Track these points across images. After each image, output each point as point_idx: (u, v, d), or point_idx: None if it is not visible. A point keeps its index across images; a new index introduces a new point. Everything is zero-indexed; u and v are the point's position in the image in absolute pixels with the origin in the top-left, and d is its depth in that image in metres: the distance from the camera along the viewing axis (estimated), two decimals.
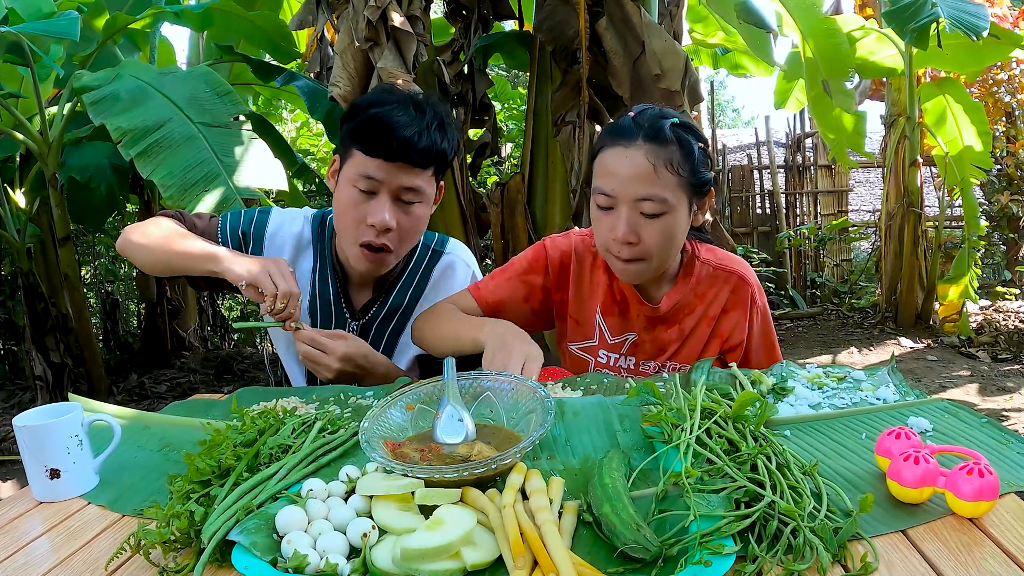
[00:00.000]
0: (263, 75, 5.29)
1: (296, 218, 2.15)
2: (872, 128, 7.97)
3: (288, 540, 1.04)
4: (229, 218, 2.12)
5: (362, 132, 1.85)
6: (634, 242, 1.77)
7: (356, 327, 2.13)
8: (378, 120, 1.83)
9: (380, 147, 1.83)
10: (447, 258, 2.18)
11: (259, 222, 2.12)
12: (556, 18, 4.54)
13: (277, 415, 1.46)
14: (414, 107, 1.88)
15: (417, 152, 1.85)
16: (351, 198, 1.89)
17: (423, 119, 1.87)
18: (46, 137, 5.00)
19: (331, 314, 2.13)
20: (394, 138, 1.82)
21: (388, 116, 1.83)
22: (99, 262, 8.39)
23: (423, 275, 2.16)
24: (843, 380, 1.69)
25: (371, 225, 1.88)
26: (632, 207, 1.75)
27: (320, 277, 2.12)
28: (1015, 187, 9.04)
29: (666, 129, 1.75)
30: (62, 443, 1.34)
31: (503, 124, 8.50)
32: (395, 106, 1.86)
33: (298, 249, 2.12)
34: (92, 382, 5.70)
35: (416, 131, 1.84)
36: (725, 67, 7.52)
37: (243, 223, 2.11)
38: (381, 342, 2.15)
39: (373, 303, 2.13)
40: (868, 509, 1.07)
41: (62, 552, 1.16)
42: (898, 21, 4.69)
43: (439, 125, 1.90)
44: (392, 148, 1.83)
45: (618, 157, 1.76)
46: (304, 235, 2.13)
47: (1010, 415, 5.17)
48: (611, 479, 1.12)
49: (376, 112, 1.84)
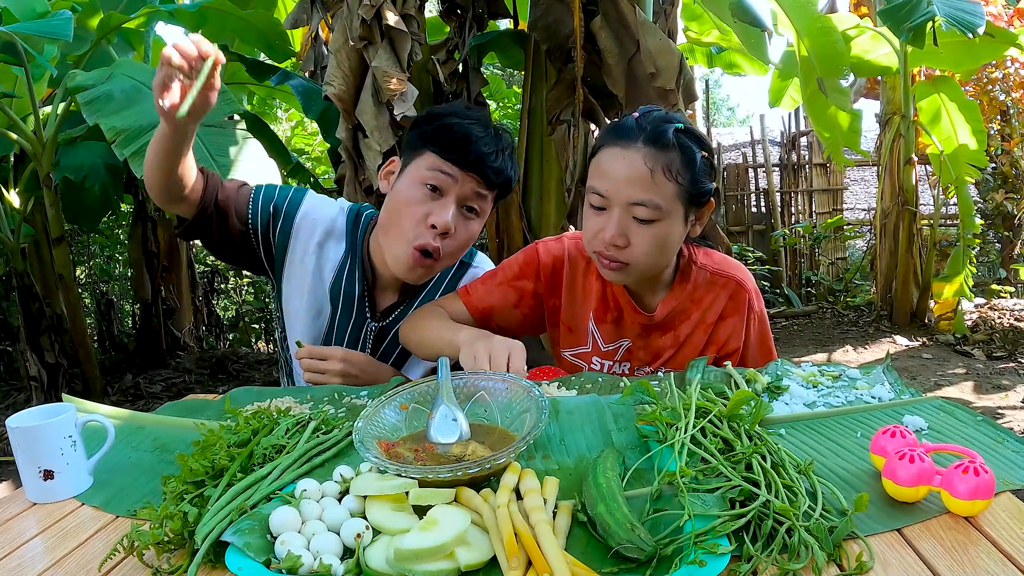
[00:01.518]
0: (257, 74, 5.28)
1: (331, 204, 2.11)
2: (867, 126, 7.96)
3: (282, 541, 1.04)
4: (263, 190, 2.06)
5: (442, 136, 1.84)
6: (622, 245, 1.73)
7: (375, 328, 2.10)
8: (459, 128, 1.84)
9: (459, 153, 1.84)
10: (473, 271, 2.17)
11: (293, 199, 2.07)
12: (551, 17, 4.53)
13: (271, 415, 1.46)
14: (492, 129, 1.90)
15: (492, 169, 1.86)
16: (415, 196, 1.86)
17: (499, 142, 1.89)
18: (40, 137, 4.99)
19: (352, 311, 2.09)
20: (473, 149, 1.83)
21: (469, 128, 1.85)
22: (94, 262, 8.38)
23: (449, 286, 2.14)
24: (838, 378, 1.68)
25: (432, 226, 1.85)
26: (624, 210, 1.71)
27: (348, 272, 2.07)
28: (1010, 185, 9.06)
29: (668, 133, 1.70)
30: (56, 444, 1.34)
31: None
32: (475, 122, 1.87)
33: (328, 235, 2.07)
34: (87, 382, 5.69)
35: (493, 150, 1.86)
36: (720, 66, 7.51)
37: (277, 197, 2.05)
38: (396, 348, 2.13)
39: (396, 307, 2.10)
40: (863, 508, 1.07)
41: (56, 553, 1.16)
42: (893, 19, 4.69)
43: (510, 153, 1.92)
44: (470, 158, 1.83)
45: (615, 158, 1.72)
46: (338, 223, 2.09)
47: (1005, 413, 5.18)
48: (605, 478, 1.12)
49: (457, 122, 1.85)
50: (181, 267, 7.01)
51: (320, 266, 2.07)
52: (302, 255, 2.06)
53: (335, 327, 2.11)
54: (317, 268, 2.07)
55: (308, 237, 2.05)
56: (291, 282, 2.09)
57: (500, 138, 1.90)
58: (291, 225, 2.05)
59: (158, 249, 6.81)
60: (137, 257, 6.85)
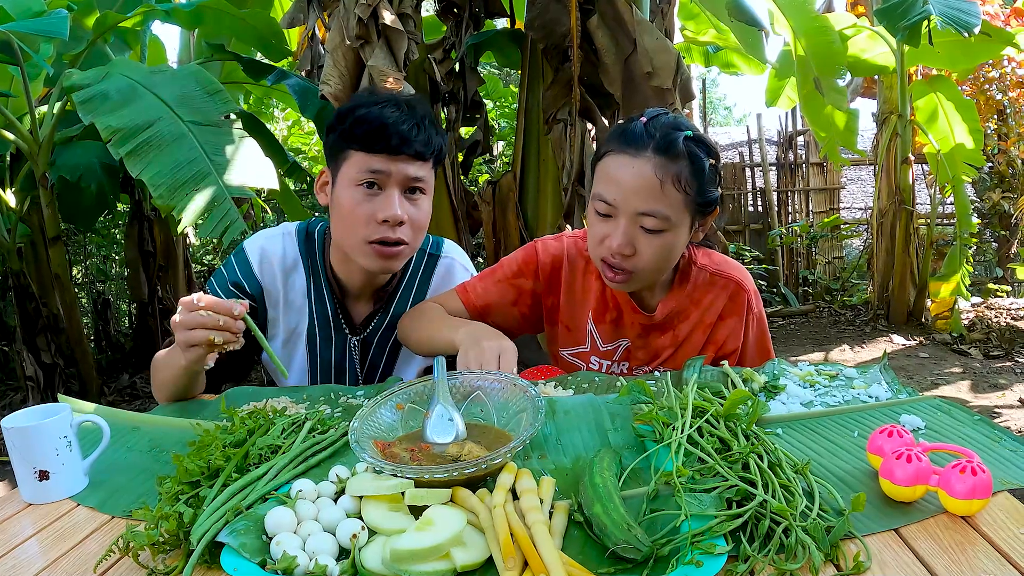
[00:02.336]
0: (254, 73, 5.27)
1: (274, 238, 2.06)
2: (864, 126, 7.98)
3: (277, 541, 1.04)
4: (215, 280, 2.04)
5: (359, 132, 1.80)
6: (629, 254, 1.71)
7: (357, 343, 2.08)
8: (373, 118, 1.80)
9: (381, 142, 1.80)
10: (444, 261, 2.14)
11: (241, 263, 2.03)
12: (547, 16, 4.52)
13: (267, 415, 1.46)
14: (405, 104, 1.86)
15: (419, 144, 1.82)
16: (356, 198, 1.83)
17: (415, 114, 1.84)
18: (36, 136, 4.98)
19: (331, 331, 2.07)
20: (393, 132, 1.79)
21: (382, 113, 1.80)
22: (90, 262, 8.37)
23: (422, 282, 2.12)
24: (835, 378, 1.69)
25: (383, 221, 1.82)
26: (632, 220, 1.69)
27: (316, 294, 2.05)
28: (1007, 184, 9.07)
29: (679, 142, 1.67)
30: (51, 444, 1.34)
31: (495, 122, 8.49)
32: (384, 104, 1.83)
33: (286, 271, 2.04)
34: (83, 382, 5.68)
35: (412, 124, 1.81)
36: (717, 65, 7.51)
37: (229, 274, 2.02)
38: (383, 356, 2.12)
39: (373, 316, 2.08)
40: (860, 508, 1.07)
41: (51, 554, 1.16)
42: (890, 19, 4.70)
43: (430, 120, 1.87)
44: (393, 143, 1.79)
45: (624, 165, 1.69)
46: (288, 254, 2.04)
47: (1002, 412, 5.18)
48: (602, 479, 1.11)
49: (368, 112, 1.81)
50: (177, 266, 6.99)
51: (290, 302, 2.06)
52: (276, 298, 2.05)
53: (318, 351, 2.09)
54: (288, 305, 2.06)
55: (272, 281, 2.04)
56: (273, 328, 2.09)
57: (415, 110, 1.86)
58: (260, 285, 2.03)
59: (154, 248, 6.79)
60: (133, 257, 6.83)
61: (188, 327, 1.55)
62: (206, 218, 3.48)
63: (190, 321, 1.54)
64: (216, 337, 1.53)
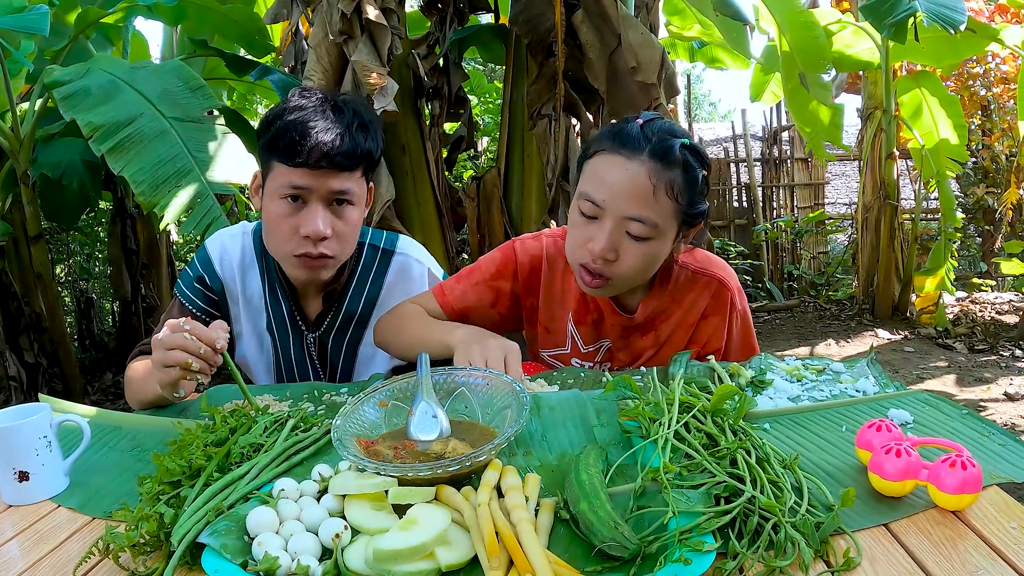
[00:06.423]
0: (237, 69, 5.23)
1: (234, 237, 2.04)
2: (848, 121, 8.01)
3: (259, 542, 1.03)
4: (180, 281, 2.03)
5: (281, 142, 1.73)
6: (611, 260, 1.67)
7: (314, 340, 2.06)
8: (295, 127, 1.72)
9: (302, 155, 1.72)
10: (399, 259, 2.08)
11: (203, 261, 2.02)
12: (532, 11, 4.52)
13: (248, 413, 1.44)
14: (332, 109, 1.79)
15: (342, 155, 1.74)
16: (279, 211, 1.78)
17: (342, 120, 1.77)
18: (17, 134, 4.94)
19: (287, 330, 2.05)
20: (315, 146, 1.71)
21: (305, 123, 1.72)
22: (73, 260, 8.31)
23: (375, 279, 2.06)
24: (822, 372, 1.68)
25: (306, 236, 1.77)
26: (619, 223, 1.64)
27: (270, 293, 2.02)
28: (990, 180, 9.14)
29: (675, 149, 1.63)
30: (30, 445, 1.32)
31: (479, 118, 8.48)
32: (311, 111, 1.76)
33: (243, 269, 2.02)
34: (67, 381, 5.64)
35: (337, 134, 1.74)
36: (702, 60, 7.52)
37: (193, 271, 2.02)
38: (340, 353, 2.08)
39: (326, 314, 2.04)
40: (850, 503, 1.06)
41: (31, 556, 1.15)
42: (875, 15, 4.70)
43: (360, 124, 1.80)
44: (315, 158, 1.72)
45: (616, 167, 1.64)
46: (247, 253, 2.02)
47: (988, 405, 5.21)
48: (588, 475, 1.10)
49: (291, 119, 1.73)
50: (161, 264, 6.95)
51: (248, 299, 2.04)
52: (236, 296, 2.04)
53: (279, 350, 2.08)
54: (246, 302, 2.04)
55: (231, 278, 2.03)
56: (237, 325, 2.08)
57: (342, 113, 1.78)
58: (220, 281, 2.02)
59: (137, 246, 6.75)
60: (116, 255, 6.79)
61: (168, 347, 1.53)
62: (188, 215, 3.46)
63: (170, 342, 1.53)
64: (193, 363, 1.52)
